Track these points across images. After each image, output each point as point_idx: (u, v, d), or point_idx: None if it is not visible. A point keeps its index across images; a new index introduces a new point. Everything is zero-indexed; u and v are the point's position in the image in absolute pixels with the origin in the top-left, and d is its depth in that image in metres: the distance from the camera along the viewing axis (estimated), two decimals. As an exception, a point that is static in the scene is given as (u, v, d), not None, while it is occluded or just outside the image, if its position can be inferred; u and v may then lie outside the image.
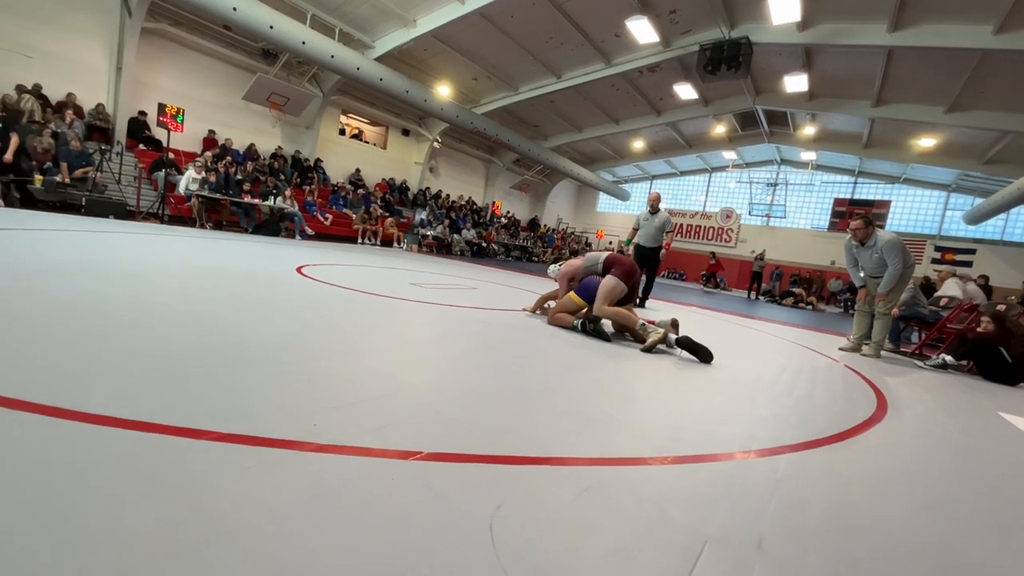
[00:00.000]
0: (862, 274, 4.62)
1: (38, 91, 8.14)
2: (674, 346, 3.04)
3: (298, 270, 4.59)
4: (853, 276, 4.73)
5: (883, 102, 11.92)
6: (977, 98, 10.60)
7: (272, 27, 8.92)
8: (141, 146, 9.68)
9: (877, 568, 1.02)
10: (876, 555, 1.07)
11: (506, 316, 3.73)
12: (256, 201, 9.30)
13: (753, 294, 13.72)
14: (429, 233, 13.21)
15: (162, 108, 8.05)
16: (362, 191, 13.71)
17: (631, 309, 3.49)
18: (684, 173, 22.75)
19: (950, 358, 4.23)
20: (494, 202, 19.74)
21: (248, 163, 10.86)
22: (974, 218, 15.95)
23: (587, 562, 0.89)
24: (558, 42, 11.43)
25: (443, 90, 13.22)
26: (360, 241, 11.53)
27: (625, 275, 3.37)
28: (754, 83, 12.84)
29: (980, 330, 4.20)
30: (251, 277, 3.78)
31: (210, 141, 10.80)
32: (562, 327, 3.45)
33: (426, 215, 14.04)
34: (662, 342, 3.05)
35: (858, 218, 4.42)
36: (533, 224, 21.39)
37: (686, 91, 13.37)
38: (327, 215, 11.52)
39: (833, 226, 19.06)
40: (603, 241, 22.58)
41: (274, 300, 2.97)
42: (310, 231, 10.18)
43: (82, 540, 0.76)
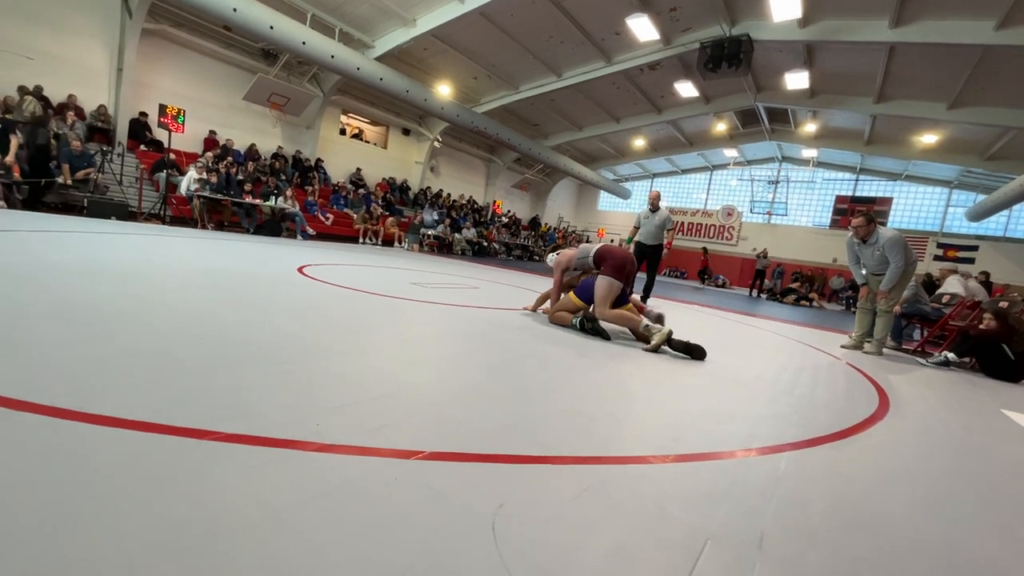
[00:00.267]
0: (864, 271, 4.61)
1: (39, 93, 8.17)
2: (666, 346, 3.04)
3: (299, 270, 4.60)
4: (855, 273, 4.72)
5: (885, 98, 11.87)
6: (979, 94, 10.54)
7: (272, 27, 8.94)
8: (142, 147, 9.70)
9: (878, 566, 1.02)
10: (877, 553, 1.07)
11: (507, 315, 3.73)
12: (257, 201, 9.32)
13: (755, 291, 13.73)
14: (431, 232, 13.22)
15: (163, 109, 8.06)
16: (363, 191, 13.73)
17: (632, 309, 3.49)
18: (685, 171, 22.71)
19: (952, 355, 4.22)
20: (495, 201, 19.72)
21: (249, 163, 10.88)
22: (976, 215, 15.89)
23: (589, 560, 0.90)
24: (558, 40, 11.42)
25: (443, 89, 13.21)
26: (361, 241, 11.54)
27: (616, 270, 3.34)
28: (755, 80, 12.78)
29: (982, 327, 4.19)
30: (252, 277, 3.79)
31: (211, 142, 10.82)
32: (562, 325, 3.46)
33: (436, 215, 14.04)
34: (666, 343, 3.05)
35: (860, 215, 4.41)
36: (534, 223, 21.38)
37: (687, 89, 13.35)
38: (328, 215, 11.54)
39: (835, 223, 18.97)
40: (604, 240, 22.55)
41: (275, 300, 2.98)
42: (311, 231, 10.20)
43: (86, 541, 0.76)
